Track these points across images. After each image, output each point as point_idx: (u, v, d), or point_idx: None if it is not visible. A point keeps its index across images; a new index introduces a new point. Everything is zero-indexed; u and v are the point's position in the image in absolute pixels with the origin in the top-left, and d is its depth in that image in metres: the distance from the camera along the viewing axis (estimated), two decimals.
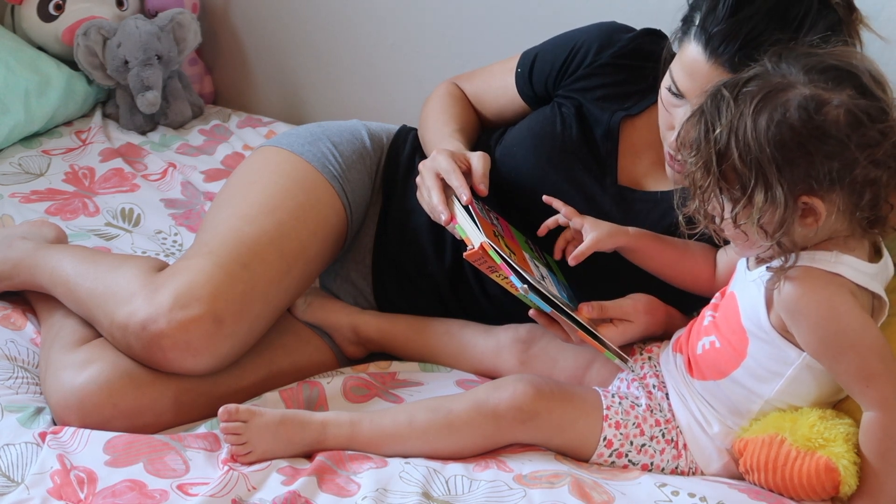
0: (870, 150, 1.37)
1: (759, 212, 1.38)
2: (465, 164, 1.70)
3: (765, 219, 1.39)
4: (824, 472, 1.44)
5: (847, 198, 1.39)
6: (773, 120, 1.37)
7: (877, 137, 1.37)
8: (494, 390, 1.56)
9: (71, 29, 2.63)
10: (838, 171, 1.37)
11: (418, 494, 1.45)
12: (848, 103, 1.37)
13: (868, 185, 1.38)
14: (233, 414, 1.54)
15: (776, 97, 1.38)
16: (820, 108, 1.37)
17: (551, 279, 1.70)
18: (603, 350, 1.59)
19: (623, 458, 1.55)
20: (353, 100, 2.72)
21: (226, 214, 1.79)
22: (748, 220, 1.39)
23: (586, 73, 1.79)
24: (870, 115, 1.37)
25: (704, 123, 1.42)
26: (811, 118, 1.36)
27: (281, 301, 1.76)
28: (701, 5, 1.59)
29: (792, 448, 1.45)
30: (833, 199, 1.39)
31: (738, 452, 1.51)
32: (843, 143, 1.36)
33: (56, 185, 2.34)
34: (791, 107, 1.37)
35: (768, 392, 1.49)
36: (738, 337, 1.49)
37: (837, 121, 1.36)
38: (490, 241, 1.55)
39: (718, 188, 1.41)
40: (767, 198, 1.37)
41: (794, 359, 1.46)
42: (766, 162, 1.37)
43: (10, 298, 1.91)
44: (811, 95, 1.37)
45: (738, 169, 1.39)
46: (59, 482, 1.48)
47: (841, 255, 1.42)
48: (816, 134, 1.36)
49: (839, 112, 1.37)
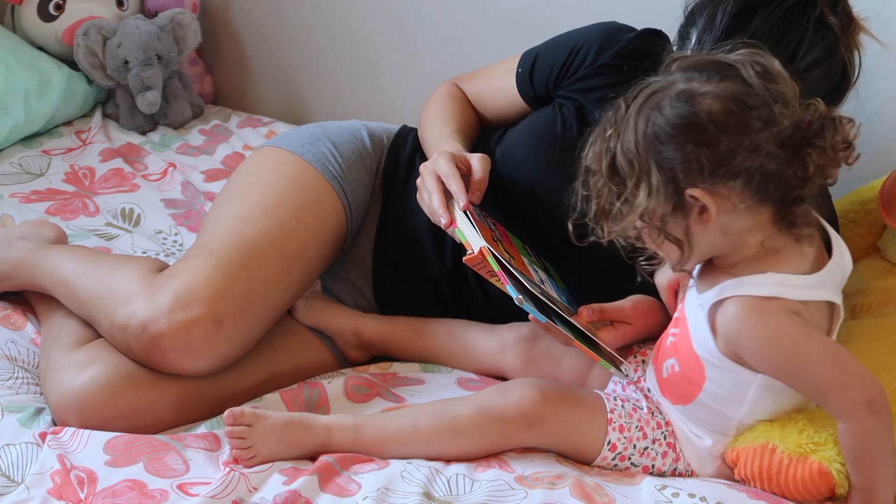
0: (748, 138, 1.35)
1: (642, 208, 1.39)
2: (466, 165, 1.70)
3: (651, 215, 1.39)
4: (818, 477, 1.43)
5: (738, 191, 1.37)
6: (649, 117, 1.39)
7: (754, 125, 1.35)
8: (500, 395, 1.55)
9: (71, 29, 2.63)
10: (712, 160, 1.36)
11: (419, 494, 1.45)
12: (720, 92, 1.37)
13: (758, 174, 1.36)
14: (238, 418, 1.54)
15: (655, 97, 1.40)
16: (690, 100, 1.37)
17: (550, 284, 1.70)
18: (598, 359, 1.59)
19: (626, 461, 1.55)
20: (354, 100, 2.72)
21: (226, 215, 1.79)
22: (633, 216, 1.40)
23: (587, 74, 1.79)
24: (742, 102, 1.36)
25: (602, 131, 1.45)
26: (682, 110, 1.37)
27: (281, 302, 1.76)
28: (697, 22, 1.59)
29: (784, 455, 1.45)
30: (722, 192, 1.37)
31: (731, 463, 1.51)
32: (716, 130, 1.35)
33: (56, 185, 2.34)
34: (665, 103, 1.38)
35: (737, 413, 1.48)
36: (695, 363, 1.48)
37: (709, 110, 1.36)
38: (489, 247, 1.55)
39: (608, 189, 1.42)
40: (649, 193, 1.38)
41: (751, 380, 1.45)
42: (644, 158, 1.38)
43: (10, 298, 1.91)
44: (684, 90, 1.38)
45: (622, 168, 1.40)
46: (60, 482, 1.48)
47: (774, 276, 1.40)
48: (687, 124, 1.36)
49: (709, 101, 1.36)
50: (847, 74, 1.61)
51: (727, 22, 1.55)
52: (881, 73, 1.84)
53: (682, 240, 1.40)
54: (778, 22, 1.54)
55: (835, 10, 1.57)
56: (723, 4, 1.57)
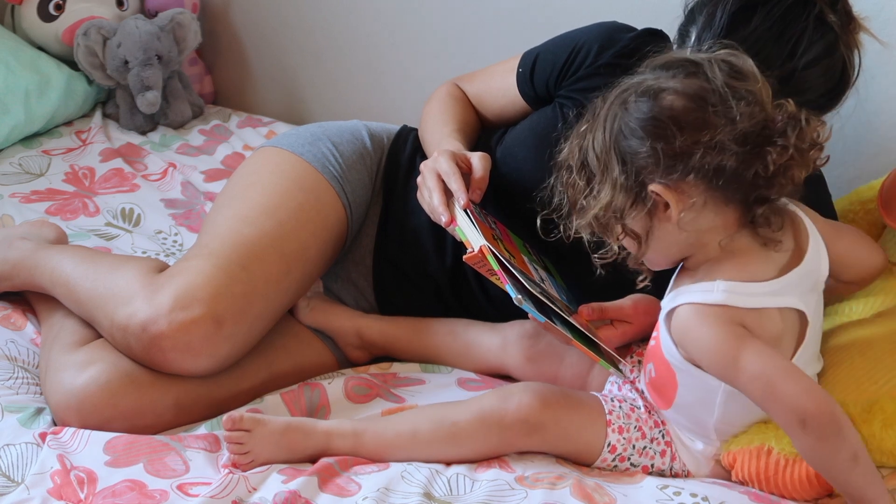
0: (707, 134, 1.35)
1: (604, 201, 1.40)
2: (466, 164, 1.70)
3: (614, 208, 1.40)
4: (815, 477, 1.44)
5: (700, 187, 1.37)
6: (616, 113, 1.41)
7: (714, 121, 1.36)
8: (500, 402, 1.54)
9: (71, 29, 2.63)
10: (671, 155, 1.36)
11: (420, 495, 1.45)
12: (682, 87, 1.37)
13: (718, 171, 1.36)
14: (237, 422, 1.53)
15: (623, 94, 1.42)
16: (654, 97, 1.38)
17: (550, 282, 1.70)
18: (598, 359, 1.59)
19: (625, 462, 1.55)
20: (354, 100, 2.72)
21: (226, 215, 1.79)
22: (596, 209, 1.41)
23: (588, 74, 1.79)
24: (703, 98, 1.37)
25: (579, 127, 1.47)
26: (644, 106, 1.38)
27: (281, 302, 1.76)
28: (696, 20, 1.59)
29: (780, 456, 1.45)
30: (683, 188, 1.38)
31: (728, 465, 1.51)
32: (672, 127, 1.36)
33: (56, 185, 2.34)
34: (631, 100, 1.40)
35: (711, 419, 1.48)
36: (667, 369, 1.48)
37: (671, 106, 1.37)
38: (489, 245, 1.55)
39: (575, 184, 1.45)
40: (615, 187, 1.40)
41: (716, 387, 1.45)
42: (608, 154, 1.40)
43: (10, 298, 1.90)
44: (648, 87, 1.39)
45: (589, 164, 1.43)
46: (60, 482, 1.48)
47: (723, 283, 1.39)
48: (648, 120, 1.38)
49: (672, 98, 1.38)
50: (847, 73, 1.61)
51: (726, 20, 1.55)
52: (881, 73, 1.84)
53: (640, 234, 1.42)
54: (777, 20, 1.54)
55: (834, 8, 1.57)
56: (722, 3, 1.57)
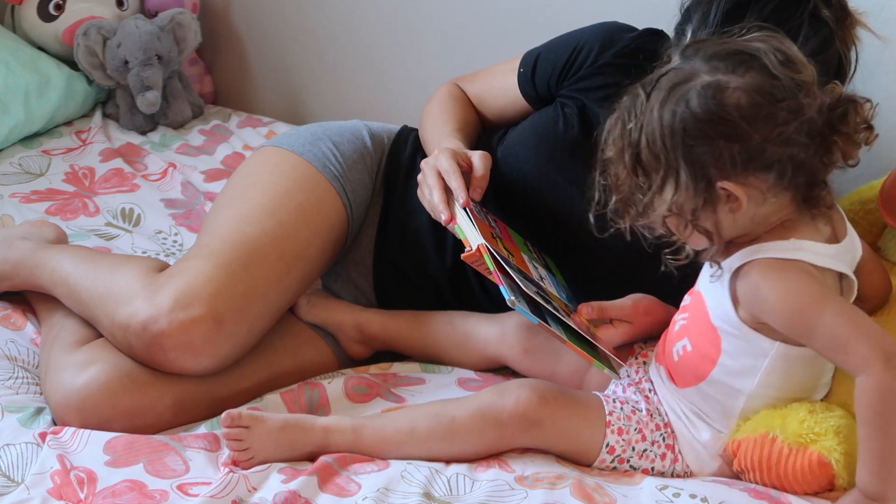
0: (778, 130, 1.36)
1: (669, 201, 1.39)
2: (467, 162, 1.70)
3: (678, 207, 1.39)
4: (817, 467, 1.44)
5: (768, 179, 1.38)
6: (675, 112, 1.38)
7: (783, 116, 1.36)
8: (498, 397, 1.55)
9: (71, 29, 2.63)
10: (743, 154, 1.36)
11: (419, 495, 1.45)
12: (747, 86, 1.37)
13: (786, 164, 1.37)
14: (235, 419, 1.54)
15: (680, 88, 1.39)
16: (718, 94, 1.37)
17: (550, 280, 1.70)
18: (592, 360, 1.58)
19: (625, 464, 1.55)
20: (354, 100, 2.72)
21: (226, 215, 1.79)
22: (660, 210, 1.40)
23: (589, 73, 1.79)
24: (770, 94, 1.36)
25: (621, 121, 1.44)
26: (710, 104, 1.37)
27: (282, 301, 1.76)
28: (691, 18, 1.59)
29: (784, 445, 1.45)
30: (753, 183, 1.38)
31: (731, 454, 1.51)
32: (742, 126, 1.36)
33: (56, 185, 2.34)
34: (692, 96, 1.38)
35: (748, 386, 1.48)
36: (711, 336, 1.48)
37: (738, 104, 1.36)
38: (488, 244, 1.55)
39: (633, 181, 1.42)
40: (678, 187, 1.38)
41: (767, 349, 1.45)
42: (672, 151, 1.38)
43: (10, 298, 1.90)
44: (710, 82, 1.38)
45: (649, 161, 1.40)
46: (59, 482, 1.48)
47: (798, 242, 1.41)
48: (715, 119, 1.36)
49: (738, 95, 1.37)
50: (843, 69, 1.61)
51: (720, 18, 1.55)
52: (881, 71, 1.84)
53: (712, 231, 1.41)
54: (771, 16, 1.54)
55: (829, 3, 1.57)
56: (716, 0, 1.57)
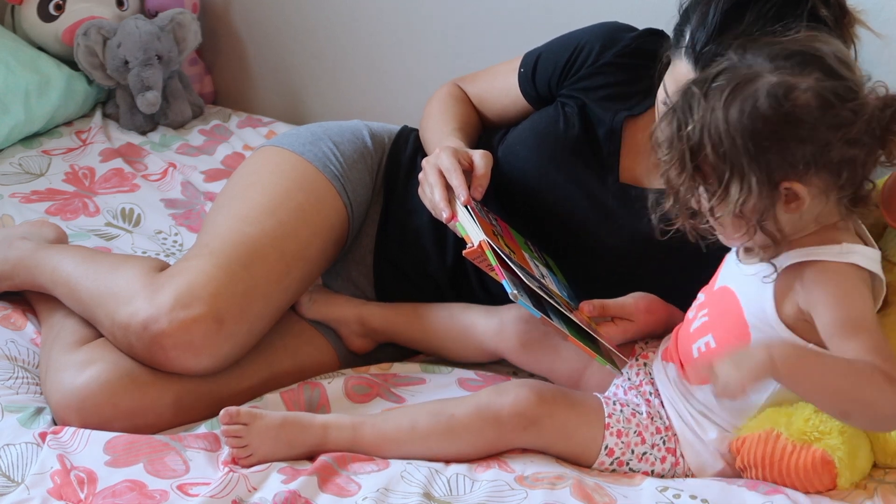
0: (843, 130, 1.36)
1: (735, 203, 1.38)
2: (468, 161, 1.70)
3: (743, 209, 1.39)
4: (820, 465, 1.44)
5: (827, 179, 1.38)
6: (743, 111, 1.37)
7: (849, 117, 1.36)
8: (497, 395, 1.55)
9: (71, 29, 2.63)
10: (813, 155, 1.36)
11: (419, 495, 1.45)
12: (816, 86, 1.37)
13: (846, 164, 1.38)
14: (234, 416, 1.54)
15: (745, 88, 1.38)
16: (788, 94, 1.36)
17: (552, 279, 1.70)
18: (594, 355, 1.58)
19: (624, 467, 1.55)
20: (354, 100, 2.72)
21: (226, 215, 1.79)
22: (725, 212, 1.39)
23: (589, 73, 1.79)
24: (839, 95, 1.37)
25: (677, 121, 1.42)
26: (781, 105, 1.36)
27: (282, 301, 1.76)
28: (690, 19, 1.59)
29: (788, 442, 1.46)
30: (813, 182, 1.38)
31: (735, 450, 1.51)
32: (814, 126, 1.36)
33: (56, 185, 2.34)
34: (760, 95, 1.37)
35: (771, 387, 1.48)
36: (739, 332, 1.48)
37: (807, 105, 1.36)
38: (489, 240, 1.55)
39: (694, 183, 1.41)
40: (743, 188, 1.37)
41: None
42: (740, 152, 1.37)
43: (11, 298, 1.90)
44: (779, 82, 1.37)
45: (712, 162, 1.39)
46: (60, 482, 1.48)
47: (849, 246, 1.42)
48: (787, 120, 1.36)
49: (808, 96, 1.36)
50: None
51: (719, 18, 1.55)
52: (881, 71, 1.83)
53: (776, 231, 1.40)
54: (770, 16, 1.54)
55: (827, 2, 1.57)
56: (715, 0, 1.57)
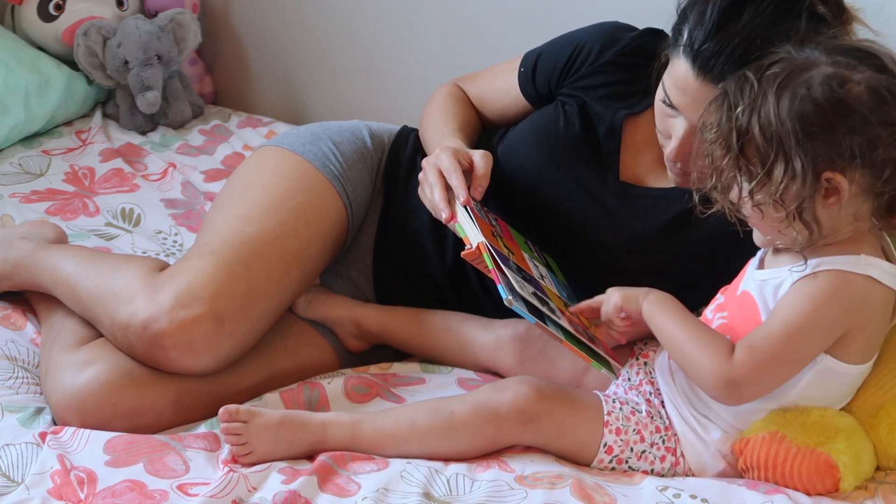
0: (892, 128, 1.37)
1: (777, 188, 1.38)
2: (468, 161, 1.70)
3: (784, 195, 1.39)
4: (824, 469, 1.45)
5: (869, 176, 1.39)
6: (795, 96, 1.38)
7: None
8: (496, 392, 1.55)
9: (71, 29, 2.63)
10: (860, 147, 1.37)
11: (419, 495, 1.45)
12: (870, 80, 1.38)
13: (890, 163, 1.38)
14: (233, 414, 1.54)
15: (799, 75, 1.39)
16: (843, 84, 1.38)
17: (551, 279, 1.70)
18: (590, 361, 1.58)
19: (623, 465, 1.55)
20: (354, 100, 2.72)
21: (226, 215, 1.79)
22: (766, 196, 1.39)
23: (589, 72, 1.80)
24: (892, 92, 1.38)
25: (727, 104, 1.43)
26: (834, 93, 1.37)
27: (282, 300, 1.76)
28: (688, 18, 1.58)
29: (792, 445, 1.46)
30: (856, 177, 1.38)
31: (738, 451, 1.51)
32: (865, 118, 1.37)
33: (56, 185, 2.34)
34: (814, 83, 1.38)
35: (784, 394, 1.48)
36: None
37: (860, 97, 1.37)
38: (488, 243, 1.55)
39: (738, 165, 1.42)
40: (787, 172, 1.38)
41: (817, 360, 1.45)
42: (787, 136, 1.37)
43: (10, 298, 1.90)
44: (834, 73, 1.39)
45: (758, 144, 1.39)
46: (60, 482, 1.48)
47: (868, 258, 1.42)
48: (840, 108, 1.37)
49: (861, 88, 1.38)
50: None
51: (717, 16, 1.54)
52: None
53: (812, 223, 1.40)
54: (768, 14, 1.53)
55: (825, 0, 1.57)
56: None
